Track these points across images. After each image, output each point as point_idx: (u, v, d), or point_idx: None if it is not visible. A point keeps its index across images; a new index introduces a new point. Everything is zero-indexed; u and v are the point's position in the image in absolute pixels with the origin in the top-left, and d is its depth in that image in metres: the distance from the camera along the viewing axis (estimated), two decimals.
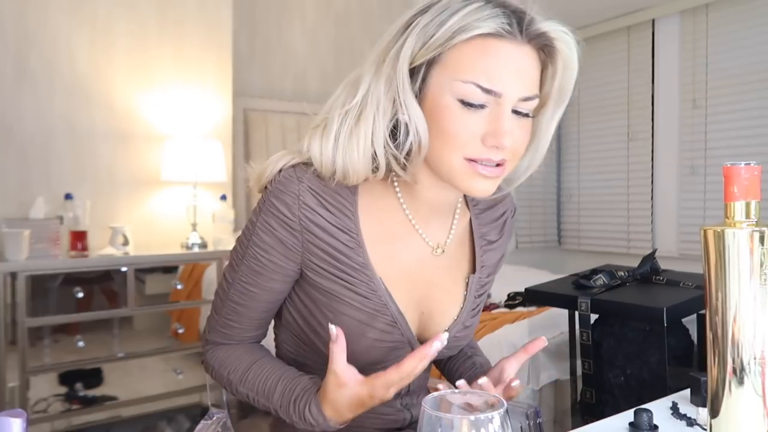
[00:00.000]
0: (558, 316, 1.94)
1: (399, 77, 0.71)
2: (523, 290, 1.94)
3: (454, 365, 1.00)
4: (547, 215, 4.11)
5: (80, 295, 2.42)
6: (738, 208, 0.60)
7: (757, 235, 0.58)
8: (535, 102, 0.73)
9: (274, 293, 0.81)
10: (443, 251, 0.85)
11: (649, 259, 1.77)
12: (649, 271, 1.74)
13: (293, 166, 0.78)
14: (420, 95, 0.73)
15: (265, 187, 0.79)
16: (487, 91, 0.69)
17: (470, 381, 0.83)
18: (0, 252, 2.32)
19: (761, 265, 0.58)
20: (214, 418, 1.02)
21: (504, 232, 0.93)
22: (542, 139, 0.81)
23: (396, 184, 0.81)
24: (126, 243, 2.63)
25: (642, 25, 3.60)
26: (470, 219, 0.90)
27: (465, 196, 0.89)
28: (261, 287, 0.80)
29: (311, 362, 0.85)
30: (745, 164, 0.59)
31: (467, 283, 0.87)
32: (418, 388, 0.91)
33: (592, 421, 0.86)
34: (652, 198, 3.59)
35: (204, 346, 0.89)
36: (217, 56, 3.11)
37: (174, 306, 2.77)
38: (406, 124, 0.72)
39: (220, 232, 2.86)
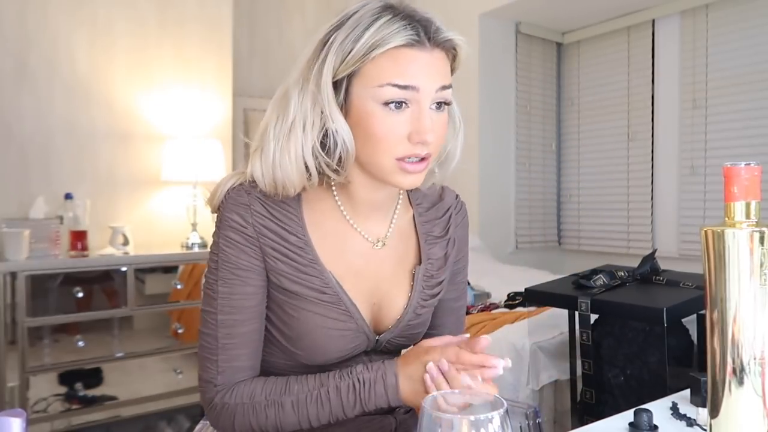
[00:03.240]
0: (558, 316, 1.94)
1: (323, 92, 0.78)
2: (523, 290, 1.94)
3: None
4: (547, 215, 4.11)
5: (80, 295, 2.42)
6: (738, 208, 0.60)
7: (757, 235, 0.58)
8: (450, 90, 0.81)
9: (256, 298, 0.84)
10: (384, 244, 0.91)
11: (649, 259, 1.77)
12: (649, 271, 1.74)
13: (241, 184, 0.86)
14: (345, 105, 0.80)
15: (218, 208, 0.87)
16: (404, 87, 0.76)
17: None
18: (0, 252, 2.32)
19: (761, 265, 0.58)
20: None
21: (450, 226, 0.98)
22: (458, 122, 0.90)
23: (333, 187, 0.88)
24: (126, 243, 2.63)
25: (642, 25, 3.60)
26: (413, 215, 0.96)
27: (408, 195, 0.97)
28: (241, 294, 0.83)
29: (282, 362, 0.89)
30: (745, 164, 0.59)
31: (413, 275, 0.93)
32: None
33: (592, 421, 0.86)
34: (652, 198, 3.59)
35: (208, 395, 0.84)
36: (217, 56, 3.11)
37: (174, 306, 2.77)
38: (334, 136, 0.79)
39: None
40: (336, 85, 0.79)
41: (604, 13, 3.67)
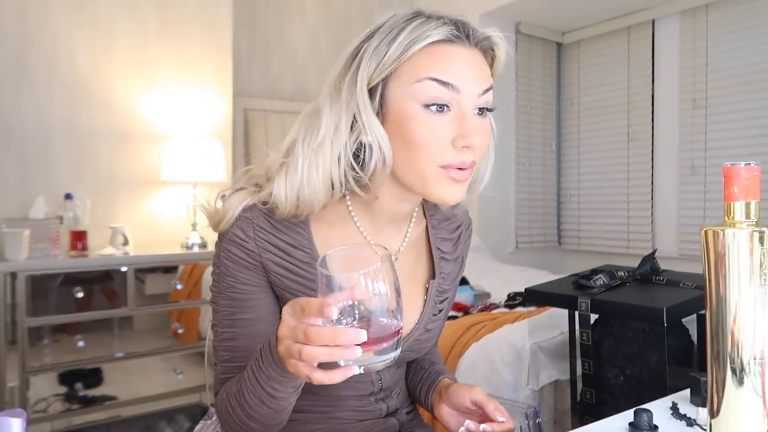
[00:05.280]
0: (558, 316, 1.94)
1: (359, 100, 0.73)
2: (523, 290, 1.94)
3: (415, 375, 1.01)
4: (547, 215, 4.11)
5: (80, 295, 2.42)
6: (738, 208, 0.60)
7: (757, 235, 0.58)
8: (492, 93, 0.76)
9: (257, 312, 0.82)
10: (397, 258, 0.87)
11: (649, 259, 1.76)
12: (649, 271, 1.74)
13: (254, 204, 0.81)
14: (381, 112, 0.75)
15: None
16: (445, 84, 0.72)
17: (429, 390, 0.94)
18: (0, 252, 2.32)
19: (761, 265, 0.58)
20: (214, 418, 1.02)
21: (459, 244, 0.97)
22: (493, 133, 0.85)
23: (348, 198, 0.83)
24: (126, 243, 2.63)
25: (642, 25, 3.60)
26: (426, 227, 0.93)
27: (423, 204, 0.92)
28: (242, 308, 0.81)
29: None
30: (745, 164, 0.59)
31: (426, 289, 0.90)
32: (392, 385, 0.94)
33: (592, 421, 0.86)
34: (652, 198, 3.60)
35: (215, 398, 0.86)
36: (217, 56, 3.11)
37: (174, 306, 2.77)
38: (369, 146, 0.74)
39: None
40: (371, 93, 0.74)
41: (604, 13, 3.68)
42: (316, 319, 0.59)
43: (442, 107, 0.72)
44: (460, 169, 0.74)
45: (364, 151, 0.75)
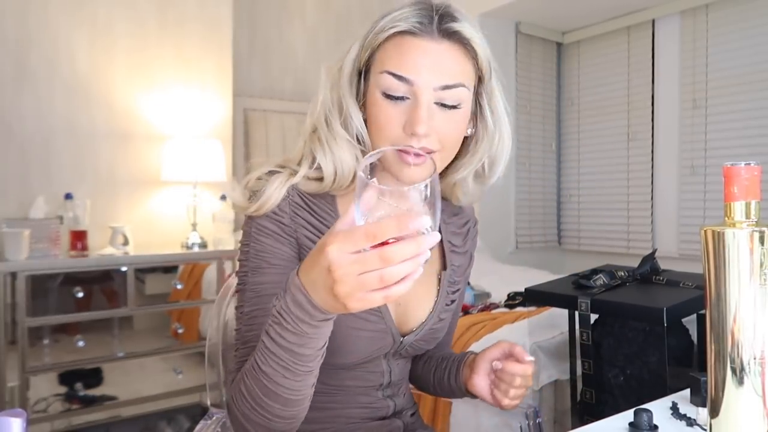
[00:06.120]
0: (558, 316, 1.94)
1: (342, 80, 0.81)
2: (523, 290, 1.94)
3: (439, 366, 1.02)
4: (547, 215, 4.11)
5: (80, 294, 2.42)
6: (738, 208, 0.60)
7: (757, 235, 0.58)
8: (460, 91, 0.78)
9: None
10: None
11: (649, 259, 1.76)
12: (649, 271, 1.74)
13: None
14: (365, 95, 0.82)
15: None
16: (399, 78, 0.76)
17: (458, 368, 0.97)
18: (0, 252, 2.32)
19: (761, 265, 0.58)
20: (214, 418, 1.02)
21: (468, 239, 1.01)
22: (499, 128, 0.86)
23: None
24: (126, 243, 2.63)
25: (642, 25, 3.60)
26: None
27: None
28: (272, 283, 0.79)
29: None
30: (745, 164, 0.59)
31: (439, 280, 0.93)
32: (399, 380, 0.95)
33: (592, 421, 0.86)
34: (652, 198, 3.59)
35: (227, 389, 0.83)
36: (217, 56, 3.11)
37: (174, 306, 2.77)
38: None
39: (220, 232, 2.86)
40: (364, 75, 0.82)
41: (604, 13, 3.67)
42: (375, 240, 0.55)
43: (398, 97, 0.77)
44: (417, 155, 0.76)
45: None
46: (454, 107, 0.78)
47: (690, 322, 1.70)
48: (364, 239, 0.55)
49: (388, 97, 0.77)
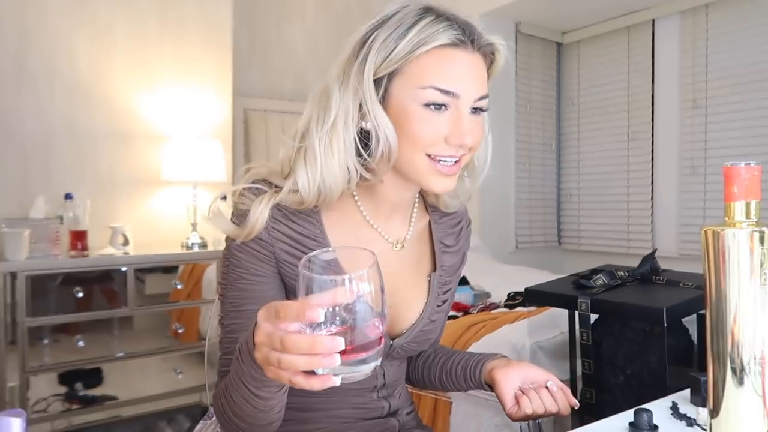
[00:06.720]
0: (558, 316, 1.94)
1: (366, 90, 0.77)
2: (523, 290, 1.94)
3: (447, 361, 1.01)
4: (547, 215, 4.11)
5: (80, 294, 2.42)
6: (738, 208, 0.60)
7: (757, 235, 0.58)
8: (487, 99, 0.81)
9: (263, 303, 0.81)
10: (403, 246, 0.91)
11: (649, 259, 1.76)
12: (649, 271, 1.74)
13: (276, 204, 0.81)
14: (384, 103, 0.78)
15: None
16: (446, 92, 0.76)
17: (478, 363, 0.95)
18: (0, 252, 2.32)
19: (761, 265, 0.58)
20: (214, 418, 1.02)
21: (460, 239, 1.01)
22: (487, 129, 0.88)
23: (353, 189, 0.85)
24: (126, 243, 2.63)
25: (642, 25, 3.60)
26: (429, 222, 0.97)
27: (424, 200, 0.97)
28: (252, 302, 0.80)
29: None
30: (745, 164, 0.59)
31: (429, 281, 0.93)
32: (394, 382, 0.95)
33: (592, 421, 0.86)
34: (652, 198, 3.60)
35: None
36: (217, 56, 3.11)
37: (174, 306, 2.77)
38: (376, 133, 0.77)
39: (221, 232, 2.85)
40: (376, 82, 0.78)
41: (604, 13, 3.68)
42: (293, 324, 0.56)
43: (440, 106, 0.77)
44: (447, 164, 0.78)
45: (373, 136, 0.78)
46: (481, 110, 0.81)
47: (690, 322, 1.70)
48: (274, 314, 0.57)
49: (428, 106, 0.76)
